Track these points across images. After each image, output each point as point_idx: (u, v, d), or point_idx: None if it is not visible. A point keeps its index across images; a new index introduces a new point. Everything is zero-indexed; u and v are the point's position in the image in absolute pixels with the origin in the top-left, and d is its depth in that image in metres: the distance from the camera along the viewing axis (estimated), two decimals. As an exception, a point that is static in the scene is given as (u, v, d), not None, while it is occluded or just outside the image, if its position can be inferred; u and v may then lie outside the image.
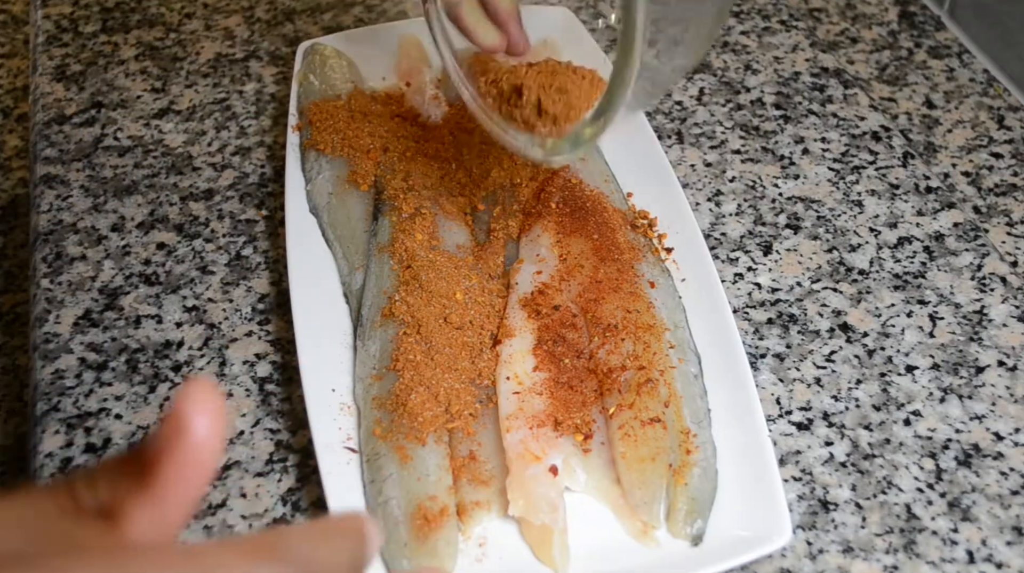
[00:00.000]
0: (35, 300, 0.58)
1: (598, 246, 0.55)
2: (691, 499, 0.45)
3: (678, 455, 0.47)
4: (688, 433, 0.47)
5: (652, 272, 0.55)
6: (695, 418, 0.48)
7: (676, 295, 0.54)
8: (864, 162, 0.66)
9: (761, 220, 0.62)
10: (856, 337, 0.55)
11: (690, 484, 0.46)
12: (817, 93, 0.71)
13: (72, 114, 0.69)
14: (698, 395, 0.49)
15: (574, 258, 0.54)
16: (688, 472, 0.46)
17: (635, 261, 0.55)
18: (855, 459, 0.50)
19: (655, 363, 0.49)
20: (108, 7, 0.79)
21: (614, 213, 0.57)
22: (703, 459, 0.47)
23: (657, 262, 0.55)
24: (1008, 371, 0.54)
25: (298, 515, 0.48)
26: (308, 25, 0.76)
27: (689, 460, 0.46)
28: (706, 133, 0.68)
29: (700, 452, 0.47)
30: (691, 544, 0.45)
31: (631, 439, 0.47)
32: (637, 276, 0.54)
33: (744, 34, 0.76)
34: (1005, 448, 0.51)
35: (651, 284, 0.54)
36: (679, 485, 0.46)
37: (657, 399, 0.48)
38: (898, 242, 0.61)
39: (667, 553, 0.45)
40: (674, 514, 0.45)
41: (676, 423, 0.48)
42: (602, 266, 0.54)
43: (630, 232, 0.57)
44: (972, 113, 0.70)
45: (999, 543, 0.47)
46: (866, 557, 0.46)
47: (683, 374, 0.50)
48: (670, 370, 0.49)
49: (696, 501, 0.45)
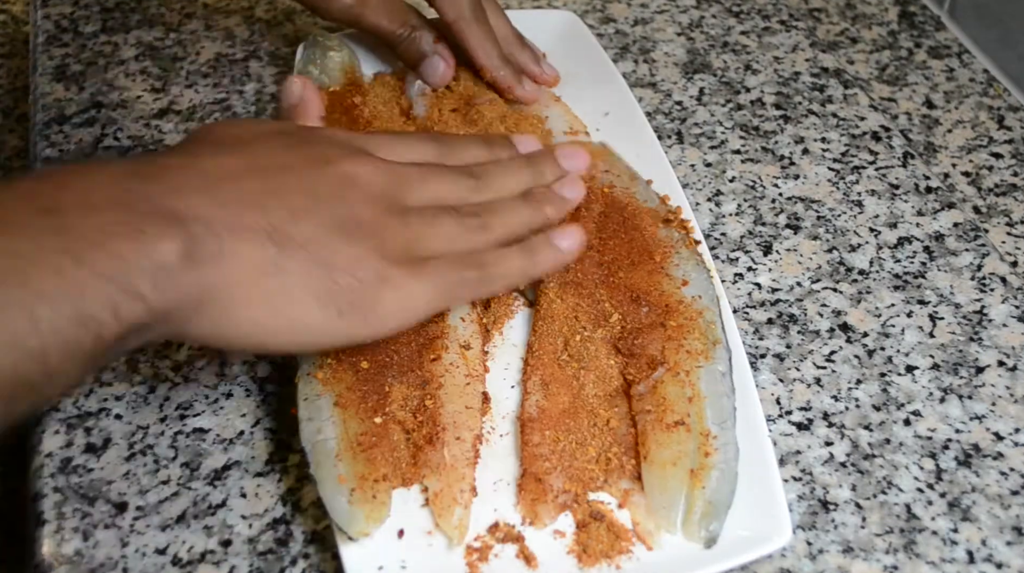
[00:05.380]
0: (35, 300, 0.58)
1: (631, 249, 0.54)
2: (708, 502, 0.45)
3: (697, 458, 0.46)
4: (708, 435, 0.47)
5: (686, 267, 0.54)
6: (718, 419, 0.47)
7: (711, 290, 0.53)
8: (864, 162, 0.66)
9: (761, 220, 0.62)
10: (856, 337, 0.55)
11: (708, 487, 0.45)
12: (817, 93, 0.71)
13: (72, 114, 0.69)
14: (724, 394, 0.48)
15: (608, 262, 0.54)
16: (707, 475, 0.45)
17: (667, 259, 0.54)
18: (855, 459, 0.50)
19: (682, 363, 0.49)
20: (108, 7, 0.79)
21: (644, 212, 0.56)
22: (723, 461, 0.46)
23: (692, 256, 0.54)
24: (1008, 371, 0.54)
25: (298, 515, 0.48)
26: (308, 25, 0.76)
27: (708, 462, 0.46)
28: (706, 133, 0.68)
29: (720, 454, 0.46)
30: (705, 546, 0.44)
31: (655, 440, 0.46)
32: (670, 276, 0.53)
33: (744, 34, 0.76)
34: (1005, 448, 0.51)
35: (684, 282, 0.53)
36: (696, 488, 0.45)
37: (683, 401, 0.48)
38: (898, 242, 0.61)
39: (667, 553, 0.45)
40: (690, 517, 0.45)
41: (698, 425, 0.47)
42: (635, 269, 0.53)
43: (662, 229, 0.56)
44: (972, 113, 0.70)
45: (999, 543, 0.47)
46: (866, 557, 0.46)
47: (711, 373, 0.49)
48: (696, 370, 0.49)
49: (712, 504, 0.45)
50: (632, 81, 0.71)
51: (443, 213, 0.46)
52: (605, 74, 0.66)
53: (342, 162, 0.45)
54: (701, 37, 0.75)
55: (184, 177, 0.40)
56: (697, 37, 0.75)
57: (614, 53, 0.74)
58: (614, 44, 0.75)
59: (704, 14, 0.78)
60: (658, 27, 0.76)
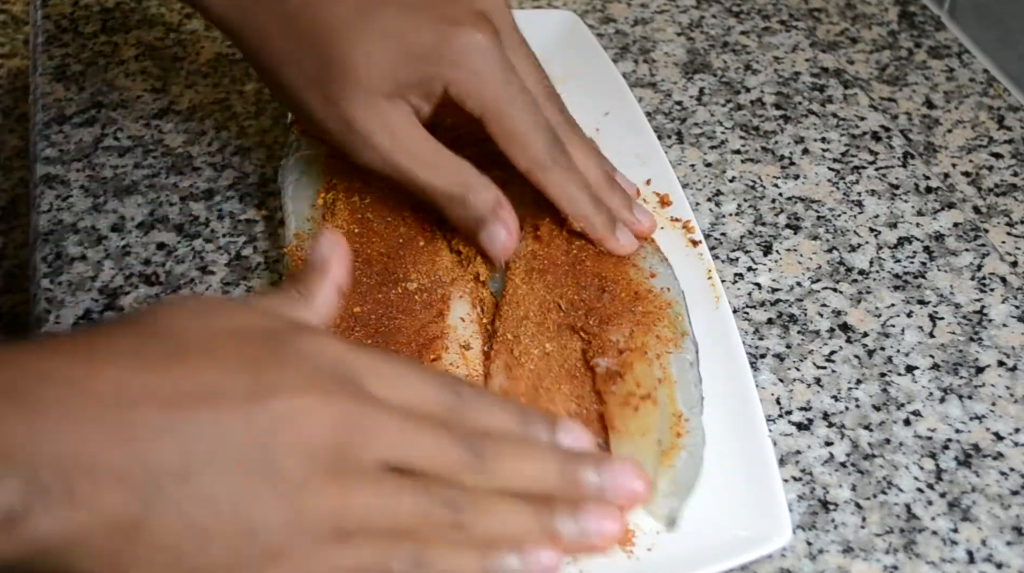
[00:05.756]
0: (35, 300, 0.58)
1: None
2: (673, 481, 0.45)
3: (668, 436, 0.46)
4: (680, 416, 0.47)
5: (652, 261, 0.54)
6: (687, 403, 0.48)
7: (677, 285, 0.53)
8: (864, 162, 0.66)
9: (761, 220, 0.62)
10: (856, 337, 0.55)
11: (676, 465, 0.45)
12: (817, 93, 0.71)
13: (72, 114, 0.69)
14: (692, 382, 0.49)
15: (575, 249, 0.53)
16: (676, 454, 0.46)
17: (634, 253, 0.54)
18: (855, 459, 0.50)
19: (651, 345, 0.49)
20: (108, 7, 0.79)
21: None
22: (692, 444, 0.46)
23: (656, 252, 0.55)
24: (1008, 371, 0.54)
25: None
26: (308, 25, 0.76)
27: (679, 443, 0.46)
28: (706, 133, 0.68)
29: (690, 437, 0.47)
30: (666, 525, 0.45)
31: (622, 415, 0.47)
32: (637, 266, 0.53)
33: (744, 34, 0.76)
34: (1005, 448, 0.51)
35: (651, 274, 0.53)
36: (665, 465, 0.45)
37: (652, 379, 0.48)
38: (898, 242, 0.61)
39: (666, 553, 0.45)
40: (654, 492, 0.45)
41: (668, 405, 0.47)
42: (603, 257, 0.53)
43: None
44: (972, 113, 0.70)
45: (999, 543, 0.47)
46: (866, 557, 0.46)
47: (680, 360, 0.49)
48: (666, 355, 0.49)
49: (677, 483, 0.45)
50: (632, 81, 0.71)
51: (407, 488, 0.35)
52: (605, 74, 0.66)
53: (291, 397, 0.34)
54: (701, 37, 0.75)
55: (62, 399, 0.32)
56: (697, 37, 0.75)
57: (614, 53, 0.74)
58: (614, 44, 0.75)
59: (704, 14, 0.78)
60: (658, 27, 0.76)
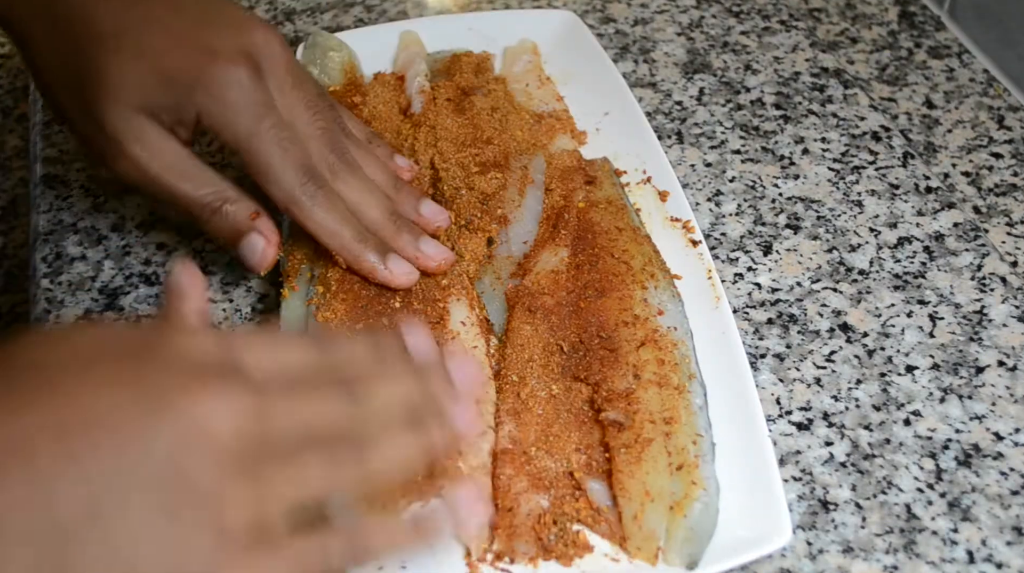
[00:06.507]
0: (35, 300, 0.58)
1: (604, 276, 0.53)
2: (690, 529, 0.44)
3: (681, 485, 0.45)
4: (691, 465, 0.46)
5: (662, 297, 0.53)
6: (699, 451, 0.47)
7: (685, 322, 0.52)
8: (864, 162, 0.66)
9: (761, 220, 0.62)
10: (856, 337, 0.55)
11: (689, 517, 0.44)
12: (817, 93, 0.71)
13: (72, 114, 0.69)
14: (702, 428, 0.48)
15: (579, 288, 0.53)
16: (689, 505, 0.45)
17: (643, 288, 0.53)
18: (855, 459, 0.50)
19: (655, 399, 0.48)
20: (108, 7, 0.79)
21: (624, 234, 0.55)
22: (706, 495, 0.45)
23: (668, 287, 0.53)
24: (1008, 371, 0.54)
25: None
26: (308, 25, 0.76)
27: (693, 493, 0.45)
28: (706, 133, 0.68)
29: (703, 487, 0.45)
30: (687, 568, 0.44)
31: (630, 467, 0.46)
32: (646, 302, 0.52)
33: (744, 34, 0.76)
34: (1005, 448, 0.51)
35: (659, 311, 0.52)
36: (678, 515, 0.44)
37: (658, 428, 0.47)
38: (898, 242, 0.61)
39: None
40: (671, 543, 0.44)
41: (677, 456, 0.46)
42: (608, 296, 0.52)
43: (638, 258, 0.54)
44: (972, 113, 0.70)
45: (999, 543, 0.47)
46: (866, 557, 0.46)
47: (687, 405, 0.48)
48: (672, 401, 0.48)
49: (694, 531, 0.44)
50: (632, 81, 0.71)
51: (309, 451, 0.36)
52: (605, 74, 0.66)
53: (185, 404, 0.33)
54: (701, 37, 0.75)
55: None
56: (697, 37, 0.75)
57: (614, 53, 0.74)
58: (614, 44, 0.75)
59: (704, 14, 0.78)
60: (658, 27, 0.76)
